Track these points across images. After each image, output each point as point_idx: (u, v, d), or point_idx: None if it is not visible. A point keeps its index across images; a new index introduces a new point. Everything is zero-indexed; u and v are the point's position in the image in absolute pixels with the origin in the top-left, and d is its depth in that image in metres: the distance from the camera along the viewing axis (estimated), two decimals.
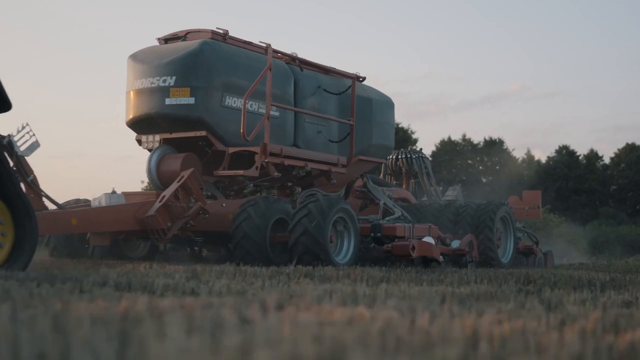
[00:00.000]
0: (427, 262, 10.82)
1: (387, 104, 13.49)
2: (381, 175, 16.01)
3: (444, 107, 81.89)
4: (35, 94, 66.96)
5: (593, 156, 56.05)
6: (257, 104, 10.62)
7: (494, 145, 57.75)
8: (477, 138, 63.30)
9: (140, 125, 10.77)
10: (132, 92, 10.70)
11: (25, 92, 61.78)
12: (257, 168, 10.29)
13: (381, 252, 10.73)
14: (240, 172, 10.20)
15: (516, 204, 16.40)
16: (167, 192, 9.83)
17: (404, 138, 51.74)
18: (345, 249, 10.23)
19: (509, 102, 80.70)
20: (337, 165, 11.76)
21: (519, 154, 64.11)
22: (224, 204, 10.53)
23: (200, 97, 10.26)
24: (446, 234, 12.32)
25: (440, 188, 16.66)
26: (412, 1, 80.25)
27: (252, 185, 11.16)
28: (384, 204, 12.75)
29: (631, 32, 78.64)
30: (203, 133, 10.39)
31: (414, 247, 10.29)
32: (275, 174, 10.60)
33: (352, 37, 79.40)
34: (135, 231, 9.84)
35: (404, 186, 15.76)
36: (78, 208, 9.73)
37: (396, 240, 10.57)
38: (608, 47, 78.93)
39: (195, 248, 12.33)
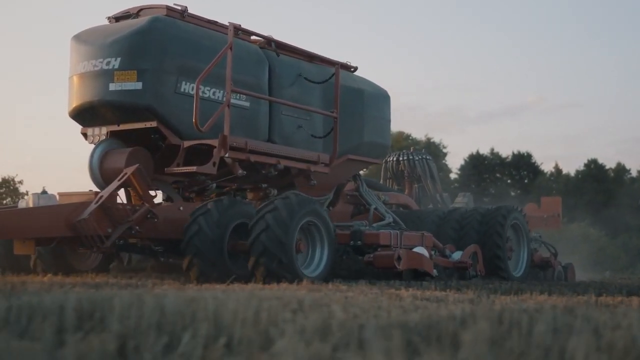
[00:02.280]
0: (418, 275, 9.21)
1: (381, 97, 11.93)
2: (381, 179, 14.42)
3: (463, 120, 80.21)
4: None
5: (621, 169, 54.79)
6: (219, 91, 9.11)
7: (522, 159, 56.63)
8: (504, 151, 61.88)
9: (83, 115, 9.30)
10: (74, 78, 9.24)
11: None
12: (214, 164, 8.75)
13: (361, 263, 9.14)
14: (193, 168, 8.67)
15: (534, 212, 14.71)
16: (106, 192, 8.35)
17: (436, 153, 50.57)
18: (317, 260, 8.65)
19: (528, 114, 78.98)
20: (318, 164, 10.19)
21: (546, 167, 62.51)
22: (181, 207, 9.00)
23: (149, 81, 8.76)
24: (447, 243, 10.70)
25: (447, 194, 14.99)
26: (426, 11, 78.87)
27: (214, 185, 9.60)
28: (375, 209, 11.18)
29: None
30: (153, 124, 8.89)
31: (399, 258, 8.69)
32: (240, 172, 9.05)
33: (365, 48, 77.91)
34: (68, 238, 8.35)
35: (406, 192, 14.15)
36: None
37: (379, 250, 8.98)
38: (624, 57, 76.71)
39: (162, 258, 10.79)
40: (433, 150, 49.31)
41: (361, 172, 12.37)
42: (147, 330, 2.65)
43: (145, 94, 8.74)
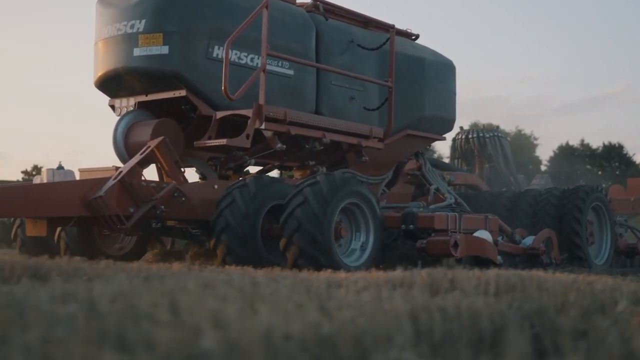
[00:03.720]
0: (481, 263, 8.10)
1: (445, 67, 10.80)
2: (449, 159, 13.28)
3: (546, 110, 77.43)
4: None
5: None
6: (258, 57, 8.17)
7: (613, 150, 54.32)
8: (594, 142, 59.55)
9: (109, 85, 8.49)
10: (99, 44, 8.42)
11: None
12: (248, 137, 7.82)
13: (414, 250, 8.08)
14: (223, 141, 7.75)
15: (620, 195, 13.34)
16: (126, 167, 7.51)
17: (527, 145, 48.90)
18: (361, 248, 7.63)
19: (613, 104, 75.70)
20: (370, 138, 9.15)
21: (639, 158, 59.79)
22: (215, 186, 8.11)
23: (177, 45, 7.88)
24: (517, 228, 9.54)
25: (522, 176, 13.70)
26: (507, 3, 76.22)
27: (252, 161, 8.66)
28: (436, 189, 10.09)
29: None
30: (182, 93, 8.02)
31: (456, 244, 7.60)
32: (279, 146, 8.10)
33: (448, 39, 75.81)
34: (85, 218, 7.55)
35: (476, 172, 12.97)
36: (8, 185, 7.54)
37: (433, 234, 7.90)
38: None
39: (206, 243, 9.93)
40: (524, 143, 47.61)
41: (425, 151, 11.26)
42: None
43: (172, 59, 7.87)
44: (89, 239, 8.70)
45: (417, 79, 10.23)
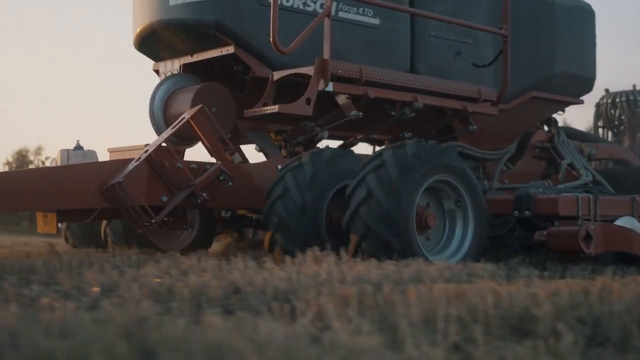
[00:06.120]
0: (626, 259, 6.02)
1: (581, 12, 8.63)
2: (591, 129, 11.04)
3: None
4: None
5: None
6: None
7: None
8: None
9: (147, 45, 6.95)
10: None
11: None
12: (308, 101, 6.05)
13: (530, 242, 6.08)
14: (275, 107, 6.01)
15: None
16: (152, 146, 5.92)
17: None
18: (457, 241, 5.72)
19: None
20: (479, 102, 7.19)
21: None
22: (279, 166, 6.39)
23: None
24: None
25: None
26: None
27: (324, 133, 6.87)
28: (569, 164, 8.01)
29: None
30: (230, 49, 6.36)
31: (589, 236, 5.56)
32: (353, 113, 6.29)
33: None
34: (107, 211, 6.02)
35: (626, 144, 10.68)
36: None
37: (556, 223, 5.87)
38: None
39: None
40: None
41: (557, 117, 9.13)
42: None
43: (214, 5, 6.22)
44: (137, 233, 7.20)
45: (544, 28, 8.17)
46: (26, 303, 2.93)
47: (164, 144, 5.96)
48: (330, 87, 6.07)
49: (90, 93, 56.71)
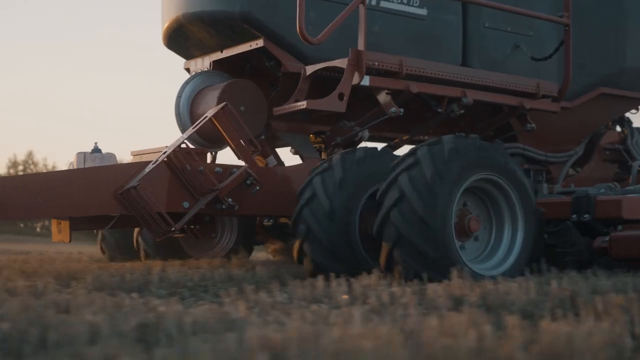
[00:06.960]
0: None
1: None
2: None
3: None
4: None
5: None
6: None
7: None
8: None
9: (176, 41, 6.53)
10: None
11: None
12: (341, 96, 5.50)
13: (592, 250, 5.38)
14: (303, 104, 5.47)
15: None
16: (172, 147, 5.47)
17: None
18: (505, 247, 5.06)
19: None
20: (537, 98, 6.52)
21: None
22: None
23: None
24: None
25: None
26: None
27: (364, 134, 6.30)
28: None
29: None
30: (259, 43, 5.87)
31: None
32: (393, 109, 5.71)
33: None
34: (127, 218, 5.59)
35: None
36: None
37: (620, 228, 5.17)
38: None
39: None
40: None
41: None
42: None
43: None
44: (170, 241, 6.77)
45: (613, 18, 7.45)
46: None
47: (184, 145, 5.49)
48: (366, 81, 5.52)
49: (112, 94, 57.70)
